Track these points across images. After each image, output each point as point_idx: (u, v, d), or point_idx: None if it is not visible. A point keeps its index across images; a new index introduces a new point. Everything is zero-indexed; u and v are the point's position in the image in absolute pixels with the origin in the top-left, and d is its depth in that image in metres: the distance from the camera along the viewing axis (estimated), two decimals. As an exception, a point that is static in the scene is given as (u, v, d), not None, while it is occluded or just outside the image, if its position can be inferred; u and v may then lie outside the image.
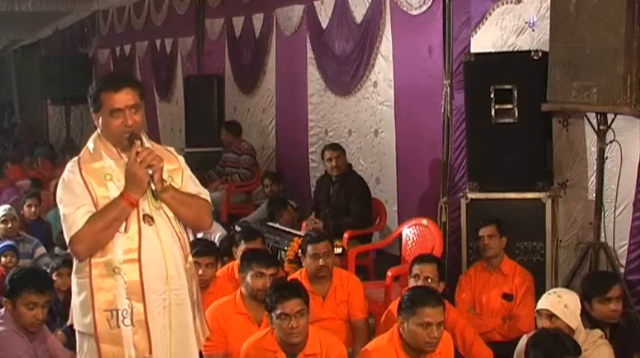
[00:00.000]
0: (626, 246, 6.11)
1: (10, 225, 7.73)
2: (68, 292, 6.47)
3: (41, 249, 7.81)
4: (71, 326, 6.36)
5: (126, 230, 3.63)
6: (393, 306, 5.02)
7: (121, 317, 3.62)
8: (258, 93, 11.12)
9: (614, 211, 6.15)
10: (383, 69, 8.44)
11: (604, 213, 6.16)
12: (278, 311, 4.58)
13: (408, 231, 7.20)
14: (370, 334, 5.62)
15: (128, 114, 3.66)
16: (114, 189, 3.65)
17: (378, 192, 8.48)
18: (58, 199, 3.73)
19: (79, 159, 3.74)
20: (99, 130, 3.78)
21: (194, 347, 3.85)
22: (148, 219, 3.68)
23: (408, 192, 8.25)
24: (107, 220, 3.58)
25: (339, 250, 6.75)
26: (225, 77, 11.99)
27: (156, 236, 3.68)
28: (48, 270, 6.52)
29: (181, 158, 3.94)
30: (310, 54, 9.73)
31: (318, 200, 8.34)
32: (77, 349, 3.84)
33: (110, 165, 3.70)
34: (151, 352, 3.65)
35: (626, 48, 5.54)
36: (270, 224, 7.94)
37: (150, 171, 3.59)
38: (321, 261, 5.67)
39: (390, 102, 8.38)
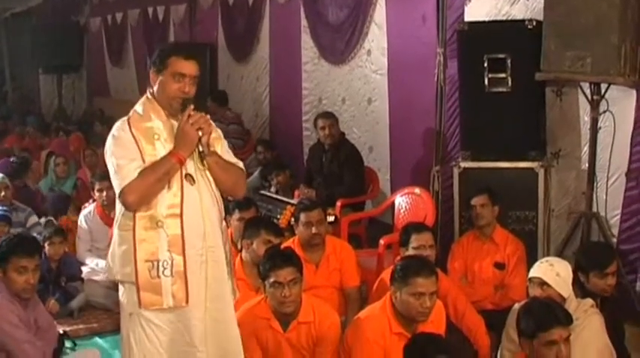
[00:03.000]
0: (619, 216, 6.14)
1: (2, 193, 7.71)
2: (60, 261, 6.53)
3: (34, 218, 7.80)
4: (64, 294, 6.46)
5: (169, 187, 3.88)
6: (386, 275, 5.03)
7: (161, 268, 3.88)
8: (252, 62, 11.08)
9: (607, 181, 6.17)
10: (376, 37, 8.41)
11: (597, 183, 6.18)
12: (271, 280, 4.59)
13: (400, 200, 7.21)
14: (363, 302, 5.63)
15: (188, 82, 3.97)
16: (161, 148, 3.91)
17: (370, 161, 8.48)
18: (108, 154, 3.95)
19: (128, 119, 3.98)
20: (149, 93, 4.03)
21: (229, 301, 4.12)
22: (190, 178, 3.93)
23: (401, 161, 8.26)
24: (159, 174, 3.84)
25: (331, 218, 6.76)
26: (219, 45, 11.95)
27: (197, 194, 3.95)
28: (40, 238, 6.53)
29: (219, 129, 4.17)
30: (304, 22, 9.68)
31: (310, 168, 8.34)
32: (120, 297, 4.07)
33: (158, 126, 3.96)
34: (187, 302, 3.91)
35: (620, 18, 5.52)
36: (263, 192, 7.93)
37: (200, 134, 3.86)
38: (313, 229, 5.68)
39: (383, 71, 8.36)
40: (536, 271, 4.79)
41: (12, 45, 21.86)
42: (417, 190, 7.12)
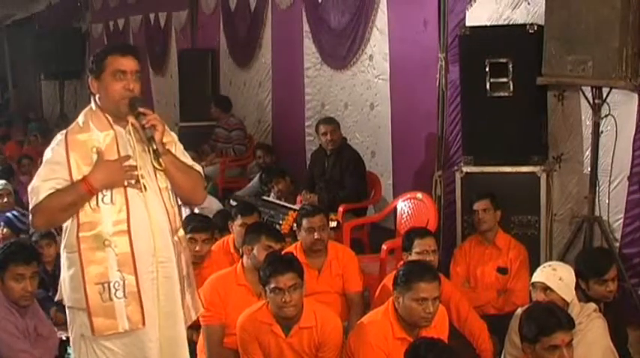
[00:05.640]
0: (621, 220, 6.12)
1: (5, 199, 7.73)
2: (52, 263, 6.48)
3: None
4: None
5: (112, 201, 3.63)
6: (388, 280, 5.03)
7: (113, 290, 3.62)
8: (254, 67, 11.09)
9: (609, 185, 6.16)
10: (378, 42, 8.42)
11: (599, 187, 6.17)
12: (272, 285, 4.57)
13: (402, 205, 7.20)
14: (365, 307, 5.63)
15: (130, 79, 3.67)
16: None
17: (373, 166, 8.48)
18: None
19: (66, 133, 3.72)
20: (92, 103, 3.77)
21: (180, 319, 3.84)
22: (139, 185, 3.67)
23: (403, 166, 8.26)
24: (63, 203, 3.58)
25: (334, 224, 6.74)
26: (220, 51, 11.95)
27: (144, 207, 3.68)
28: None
29: (174, 134, 3.91)
30: (306, 27, 9.69)
31: (313, 174, 8.33)
32: (68, 323, 3.83)
33: (97, 137, 3.68)
34: (144, 323, 3.66)
35: (621, 21, 5.52)
36: (265, 198, 7.94)
37: (150, 133, 3.61)
38: (316, 234, 5.67)
39: (385, 76, 8.36)
40: (538, 276, 4.78)
41: (14, 51, 21.91)
42: (420, 195, 7.11)
